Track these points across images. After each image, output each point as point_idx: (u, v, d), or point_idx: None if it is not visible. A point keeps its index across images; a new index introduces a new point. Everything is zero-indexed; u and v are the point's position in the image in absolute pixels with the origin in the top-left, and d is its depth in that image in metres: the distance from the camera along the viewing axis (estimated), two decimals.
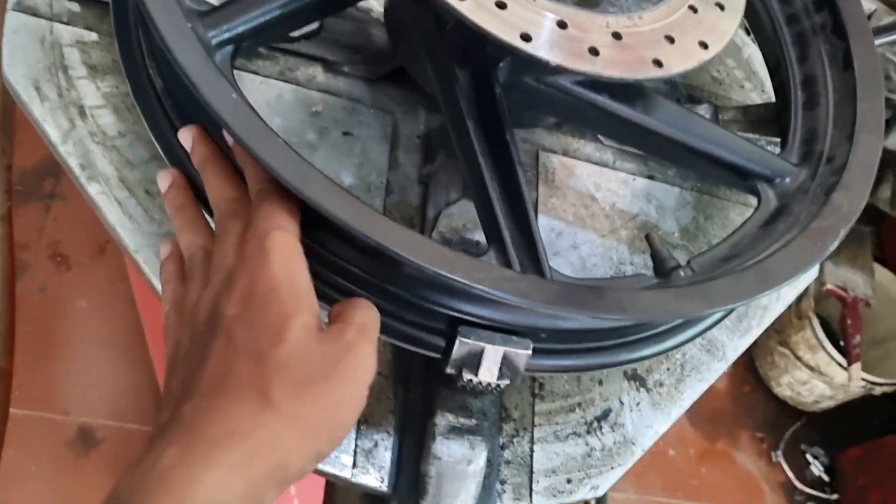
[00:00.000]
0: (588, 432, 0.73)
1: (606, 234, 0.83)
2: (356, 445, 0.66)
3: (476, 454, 0.64)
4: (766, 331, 2.20)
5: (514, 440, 0.70)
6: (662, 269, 0.66)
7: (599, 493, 0.70)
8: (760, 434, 2.12)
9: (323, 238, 0.59)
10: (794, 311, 2.03)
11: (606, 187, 0.86)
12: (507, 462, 0.69)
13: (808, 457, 2.12)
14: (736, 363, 2.19)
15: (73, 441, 1.62)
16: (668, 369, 0.79)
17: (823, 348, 1.94)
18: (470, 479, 0.64)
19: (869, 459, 2.03)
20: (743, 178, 0.75)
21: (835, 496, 2.08)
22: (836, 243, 0.67)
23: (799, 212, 0.71)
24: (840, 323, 2.02)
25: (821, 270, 2.05)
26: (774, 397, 2.16)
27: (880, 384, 1.93)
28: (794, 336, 2.01)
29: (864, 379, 1.91)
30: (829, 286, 2.01)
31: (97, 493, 1.58)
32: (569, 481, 0.70)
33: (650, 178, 0.88)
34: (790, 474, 2.08)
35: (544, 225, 0.81)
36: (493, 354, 0.60)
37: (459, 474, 0.64)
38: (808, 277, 0.91)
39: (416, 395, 0.68)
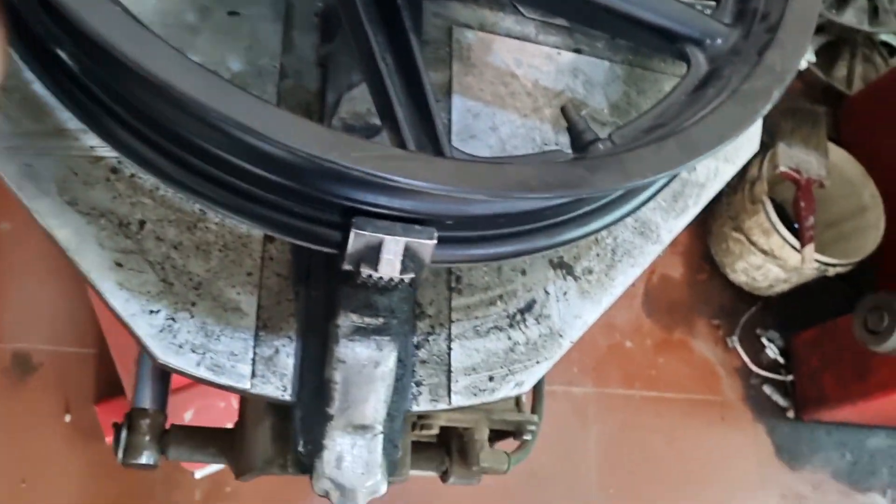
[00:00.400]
0: (511, 326, 0.68)
1: (528, 114, 0.76)
2: (254, 353, 0.60)
3: (384, 355, 0.59)
4: (721, 217, 2.18)
5: (430, 338, 0.65)
6: (580, 143, 0.60)
7: (524, 389, 0.66)
8: (716, 321, 2.12)
9: (189, 123, 0.52)
10: (748, 196, 2.00)
11: (528, 63, 0.79)
12: (423, 362, 0.65)
13: (764, 341, 2.12)
14: (691, 251, 2.18)
15: (9, 368, 1.56)
16: (597, 255, 0.74)
17: (777, 231, 1.92)
18: (379, 382, 0.59)
19: (822, 341, 2.04)
20: (670, 42, 0.69)
21: (790, 377, 2.10)
22: (768, 106, 0.61)
23: (730, 75, 0.65)
24: (793, 205, 1.99)
25: (774, 153, 2.01)
26: (730, 284, 2.15)
27: (833, 265, 1.92)
28: (747, 221, 1.98)
29: (817, 260, 1.89)
30: (782, 169, 1.97)
31: (39, 418, 1.52)
32: (490, 379, 0.66)
33: (577, 51, 0.81)
34: (746, 359, 2.09)
35: (459, 106, 0.74)
36: (393, 246, 0.54)
37: (367, 378, 0.59)
38: (748, 152, 0.85)
39: (318, 295, 0.62)
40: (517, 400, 0.85)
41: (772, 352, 2.12)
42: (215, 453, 0.74)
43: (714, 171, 0.83)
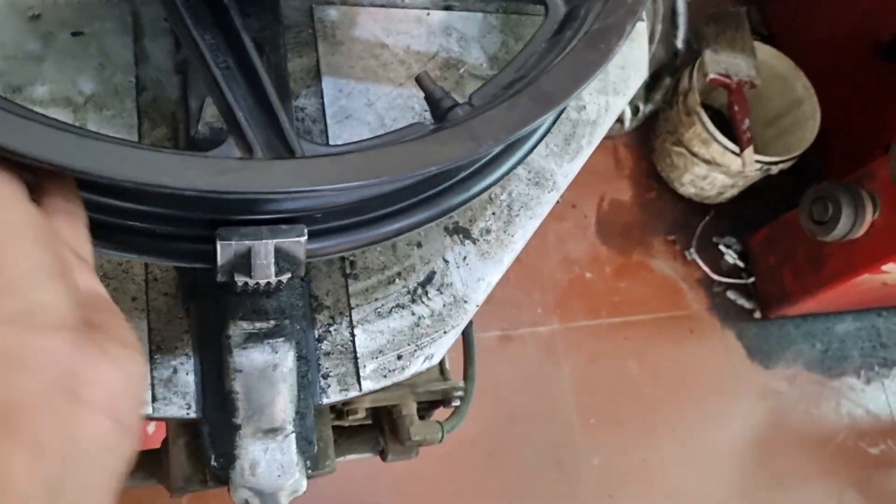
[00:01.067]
0: (413, 301, 0.68)
1: (404, 82, 0.75)
2: (152, 377, 0.60)
3: (281, 357, 0.59)
4: (661, 133, 2.17)
5: (332, 329, 0.65)
6: (438, 111, 0.59)
7: (434, 361, 0.66)
8: (672, 237, 2.13)
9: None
10: (683, 109, 1.99)
11: (397, 30, 0.77)
12: (327, 354, 0.64)
13: (721, 248, 2.14)
14: (637, 172, 2.18)
15: None
16: (493, 214, 0.73)
17: (715, 139, 1.91)
18: (280, 384, 0.59)
19: (775, 238, 2.06)
20: None
21: (751, 280, 2.12)
22: (621, 42, 0.60)
23: (586, 13, 0.64)
24: (728, 110, 1.99)
25: (702, 62, 2.00)
26: (680, 198, 2.15)
27: (775, 163, 1.92)
28: (686, 133, 1.98)
29: (758, 161, 1.89)
30: (712, 76, 1.96)
31: None
32: (399, 357, 0.65)
33: (447, 8, 0.80)
34: (706, 269, 2.10)
35: (331, 88, 0.72)
36: (262, 251, 0.53)
37: (268, 382, 0.59)
38: (637, 80, 0.85)
39: (207, 308, 0.62)
40: (441, 369, 0.86)
41: (730, 257, 2.14)
42: (145, 476, 0.74)
43: (605, 106, 0.82)
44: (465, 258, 0.70)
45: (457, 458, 1.75)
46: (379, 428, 0.83)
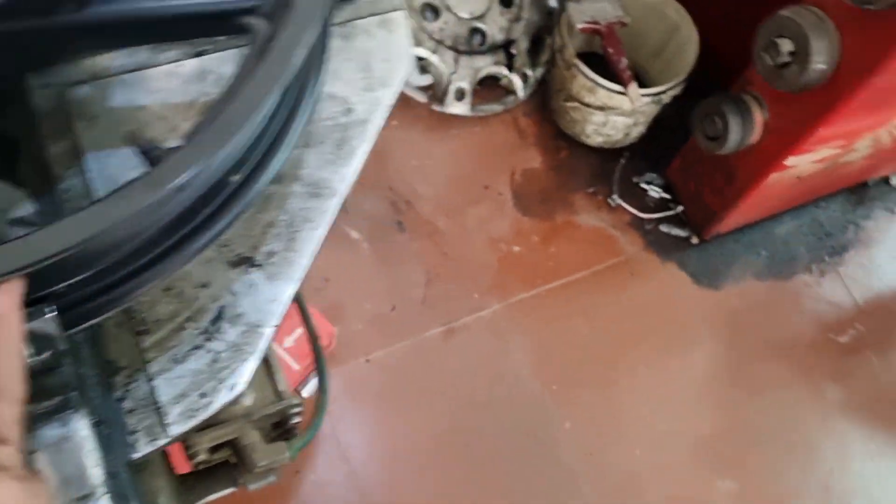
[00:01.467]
0: (208, 340, 0.71)
1: (167, 137, 0.78)
2: None
3: (72, 428, 0.62)
4: (554, 94, 2.18)
5: (131, 386, 0.68)
6: (151, 161, 0.62)
7: (239, 390, 0.69)
8: (592, 189, 2.15)
9: None
10: (563, 65, 2.01)
11: (152, 88, 0.80)
12: (131, 411, 0.67)
13: (643, 186, 2.15)
14: (543, 136, 2.21)
15: None
16: (276, 235, 0.76)
17: (599, 85, 1.93)
18: (79, 452, 0.62)
19: (687, 164, 2.07)
20: (227, 21, 0.71)
21: (680, 208, 2.13)
22: (301, 53, 0.63)
23: (280, 30, 0.67)
24: (604, 54, 2.01)
25: (567, 15, 2.02)
26: (591, 149, 2.17)
27: (662, 91, 1.94)
28: (573, 87, 2.00)
29: (644, 95, 1.91)
30: (580, 26, 1.98)
31: None
32: (203, 395, 0.68)
33: (199, 54, 0.83)
34: (633, 210, 2.12)
35: (95, 163, 0.75)
36: None
37: (67, 454, 0.62)
38: (402, 71, 0.87)
39: None
40: (275, 390, 0.88)
41: (655, 192, 2.16)
42: None
43: (375, 102, 0.85)
44: (252, 286, 0.73)
45: (436, 457, 1.77)
46: (233, 463, 0.86)
